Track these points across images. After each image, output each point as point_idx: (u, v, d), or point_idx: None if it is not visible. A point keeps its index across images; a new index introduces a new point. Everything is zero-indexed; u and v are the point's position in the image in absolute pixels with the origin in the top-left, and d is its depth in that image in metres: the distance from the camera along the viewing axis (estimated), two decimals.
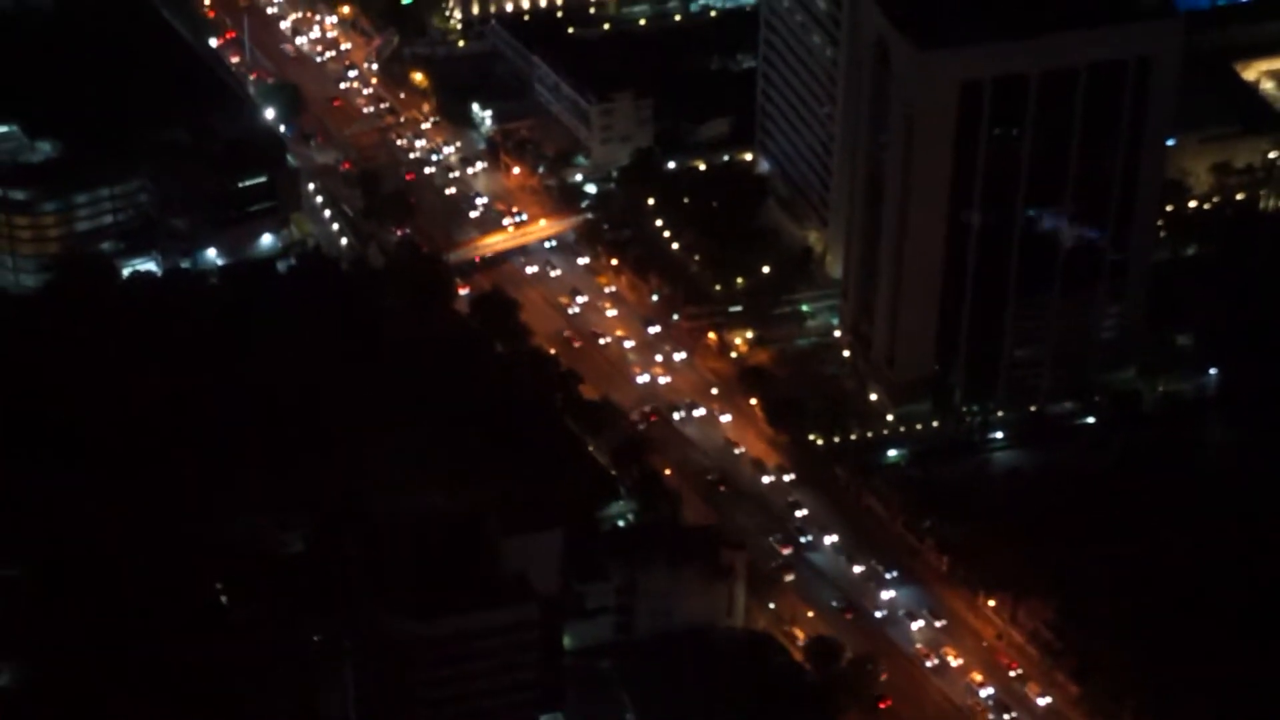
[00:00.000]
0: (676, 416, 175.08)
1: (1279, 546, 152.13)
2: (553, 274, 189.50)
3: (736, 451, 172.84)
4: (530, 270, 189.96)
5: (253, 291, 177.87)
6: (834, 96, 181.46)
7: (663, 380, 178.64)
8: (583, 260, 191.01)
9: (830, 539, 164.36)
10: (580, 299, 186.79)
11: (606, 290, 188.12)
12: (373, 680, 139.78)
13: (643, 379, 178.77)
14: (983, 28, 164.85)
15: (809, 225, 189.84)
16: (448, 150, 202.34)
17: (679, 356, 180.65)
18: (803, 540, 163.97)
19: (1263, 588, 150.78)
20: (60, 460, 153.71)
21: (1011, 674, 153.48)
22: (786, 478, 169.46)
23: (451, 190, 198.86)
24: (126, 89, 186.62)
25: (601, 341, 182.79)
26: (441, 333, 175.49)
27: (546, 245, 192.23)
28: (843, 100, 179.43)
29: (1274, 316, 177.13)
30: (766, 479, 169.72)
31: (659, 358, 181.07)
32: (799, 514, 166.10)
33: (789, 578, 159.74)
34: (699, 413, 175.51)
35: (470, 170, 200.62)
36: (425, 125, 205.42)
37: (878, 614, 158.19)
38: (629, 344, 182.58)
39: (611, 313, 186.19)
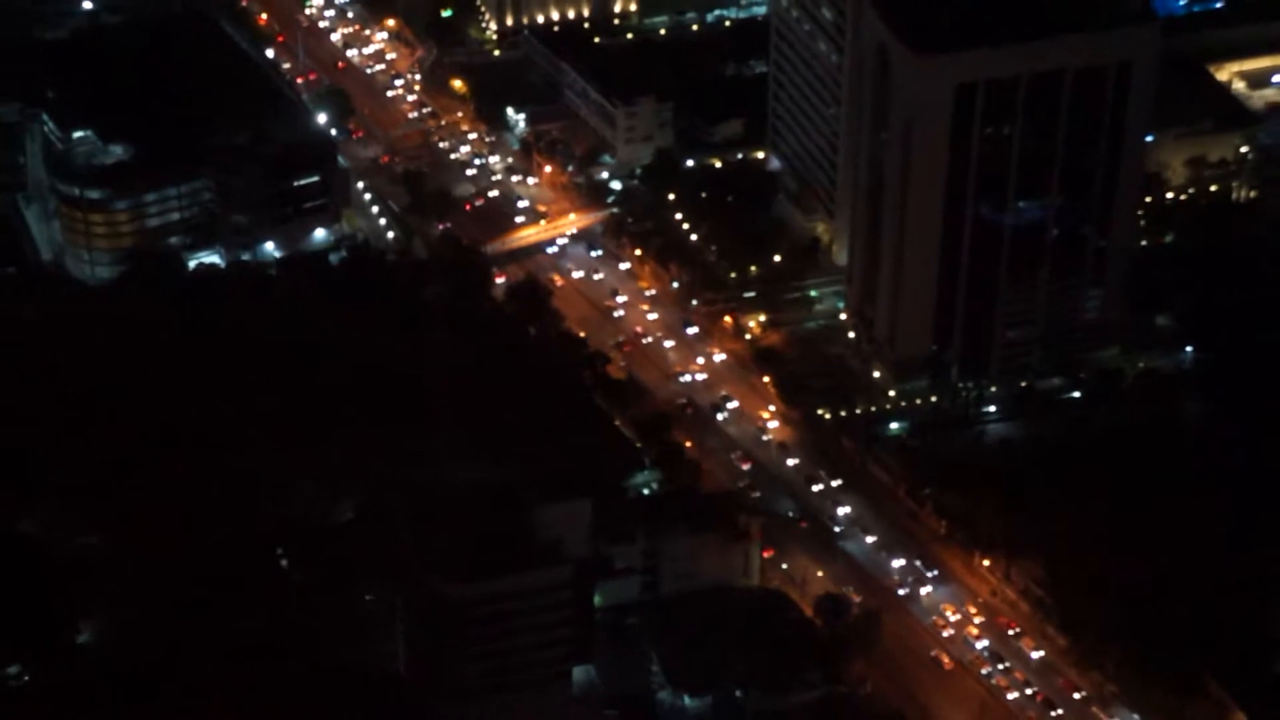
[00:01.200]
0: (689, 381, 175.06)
1: (1249, 508, 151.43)
2: (576, 272, 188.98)
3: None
4: (563, 262, 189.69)
5: (307, 281, 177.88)
6: (839, 99, 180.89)
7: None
8: (596, 253, 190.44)
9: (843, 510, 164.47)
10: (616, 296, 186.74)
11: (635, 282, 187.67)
12: (420, 637, 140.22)
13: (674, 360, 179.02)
14: (975, 34, 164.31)
15: (816, 217, 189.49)
16: (493, 157, 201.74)
17: (692, 331, 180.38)
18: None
19: (1234, 546, 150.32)
20: (137, 436, 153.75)
21: (1010, 632, 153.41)
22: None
23: (491, 189, 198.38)
24: (191, 97, 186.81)
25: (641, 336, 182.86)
26: (479, 318, 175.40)
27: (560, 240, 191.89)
28: (847, 102, 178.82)
29: (1245, 299, 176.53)
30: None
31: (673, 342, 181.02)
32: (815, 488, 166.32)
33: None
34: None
35: (505, 168, 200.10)
36: (465, 128, 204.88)
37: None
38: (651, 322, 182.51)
39: (621, 298, 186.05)
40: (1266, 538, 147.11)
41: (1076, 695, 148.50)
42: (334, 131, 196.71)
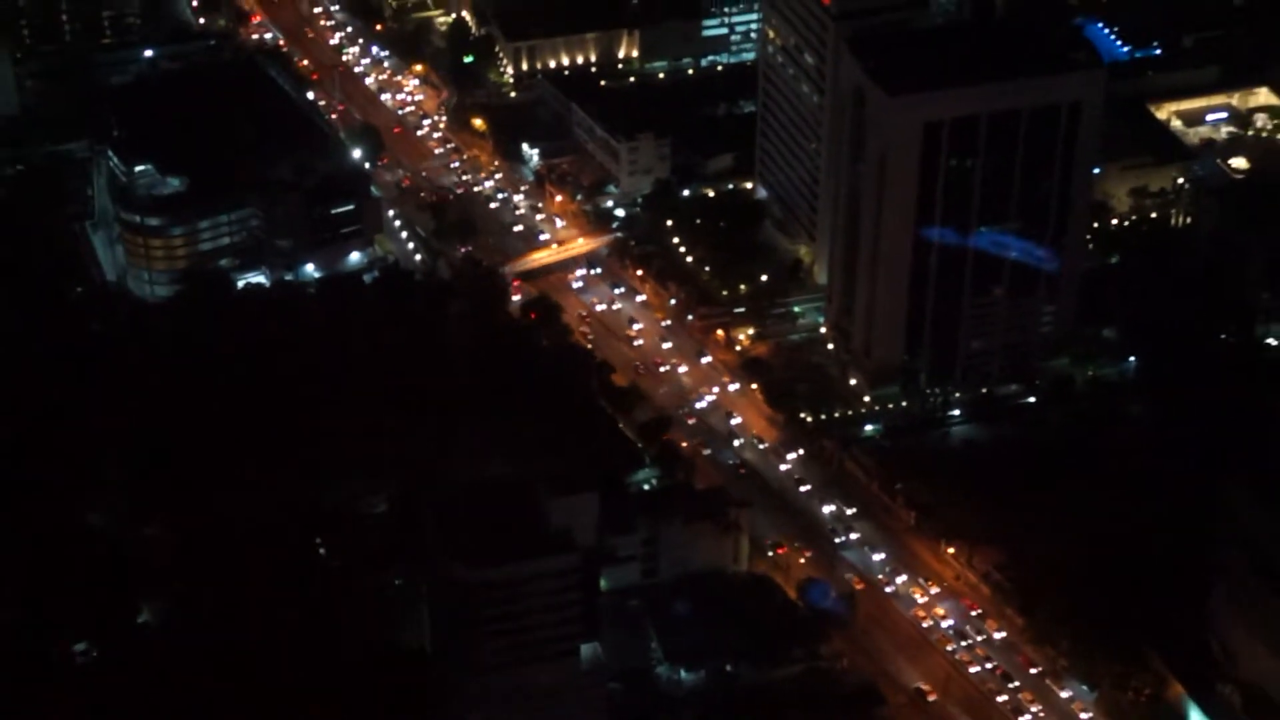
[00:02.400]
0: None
1: (1186, 500, 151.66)
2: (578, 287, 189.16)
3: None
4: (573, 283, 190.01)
5: (343, 299, 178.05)
6: (819, 135, 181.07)
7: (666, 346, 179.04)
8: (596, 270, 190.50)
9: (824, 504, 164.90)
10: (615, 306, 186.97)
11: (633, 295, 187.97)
12: (443, 616, 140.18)
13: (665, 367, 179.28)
14: (942, 78, 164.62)
15: (799, 241, 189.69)
16: (492, 184, 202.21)
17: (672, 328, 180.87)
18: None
19: (1172, 534, 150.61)
20: (193, 438, 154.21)
21: (973, 613, 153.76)
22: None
23: (507, 216, 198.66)
24: (239, 134, 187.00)
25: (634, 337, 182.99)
26: (497, 331, 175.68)
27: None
28: (827, 138, 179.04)
29: (1182, 314, 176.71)
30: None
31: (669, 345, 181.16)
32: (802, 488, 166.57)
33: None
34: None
35: (521, 198, 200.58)
36: (485, 161, 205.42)
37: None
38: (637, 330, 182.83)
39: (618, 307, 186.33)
40: (1201, 526, 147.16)
41: (1033, 670, 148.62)
42: (367, 164, 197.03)
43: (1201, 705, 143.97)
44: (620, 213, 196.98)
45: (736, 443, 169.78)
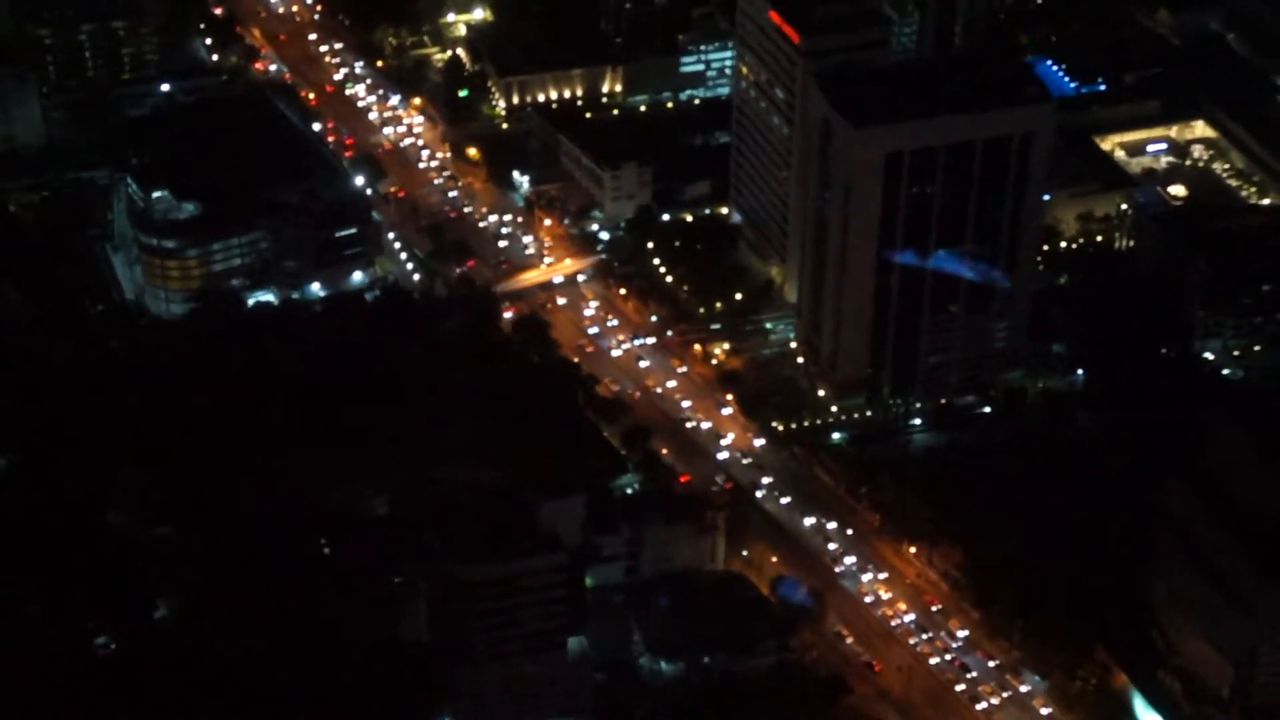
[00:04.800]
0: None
1: (1129, 502, 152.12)
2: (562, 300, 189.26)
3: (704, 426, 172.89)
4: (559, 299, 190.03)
5: (346, 316, 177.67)
6: (789, 164, 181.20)
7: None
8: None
9: (786, 499, 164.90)
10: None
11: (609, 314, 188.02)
12: (440, 611, 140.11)
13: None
14: (903, 111, 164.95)
15: (771, 262, 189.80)
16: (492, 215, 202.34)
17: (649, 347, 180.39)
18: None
19: (1117, 533, 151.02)
20: (206, 444, 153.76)
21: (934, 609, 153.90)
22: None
23: (500, 239, 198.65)
24: (250, 162, 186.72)
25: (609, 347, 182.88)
26: (490, 346, 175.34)
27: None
28: (796, 166, 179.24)
29: (1126, 330, 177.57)
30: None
31: (645, 362, 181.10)
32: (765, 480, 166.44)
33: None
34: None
35: (512, 219, 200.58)
36: (479, 187, 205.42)
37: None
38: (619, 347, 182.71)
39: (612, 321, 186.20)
40: (1143, 526, 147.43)
41: (992, 663, 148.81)
42: (369, 191, 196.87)
43: (1144, 692, 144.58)
44: (604, 236, 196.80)
45: (722, 455, 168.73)
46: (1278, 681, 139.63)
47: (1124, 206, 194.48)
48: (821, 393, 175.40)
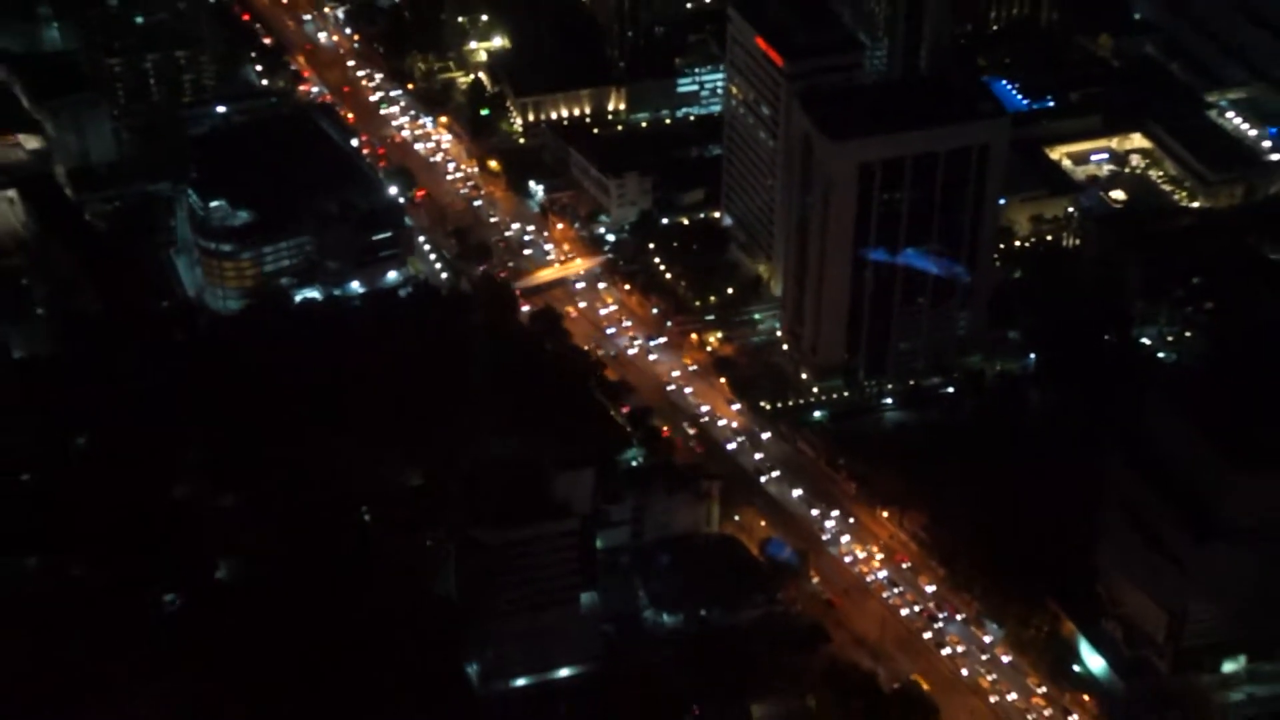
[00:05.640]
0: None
1: (1076, 470, 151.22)
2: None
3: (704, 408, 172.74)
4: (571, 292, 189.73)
5: (382, 311, 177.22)
6: (774, 173, 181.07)
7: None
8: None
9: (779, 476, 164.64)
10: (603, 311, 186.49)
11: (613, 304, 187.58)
12: (467, 571, 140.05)
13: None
14: (874, 125, 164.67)
15: (759, 260, 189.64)
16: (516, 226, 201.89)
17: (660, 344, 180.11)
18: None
19: (1064, 498, 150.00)
20: (260, 424, 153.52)
21: (903, 566, 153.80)
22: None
23: (517, 240, 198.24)
24: (296, 174, 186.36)
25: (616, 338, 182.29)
26: (509, 335, 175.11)
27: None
28: (780, 175, 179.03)
29: (1072, 319, 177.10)
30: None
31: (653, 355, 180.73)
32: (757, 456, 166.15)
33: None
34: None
35: (530, 227, 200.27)
36: (498, 195, 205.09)
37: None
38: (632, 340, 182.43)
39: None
40: (1089, 492, 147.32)
41: (960, 616, 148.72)
42: (401, 199, 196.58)
43: (1089, 638, 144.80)
44: (611, 238, 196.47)
45: (733, 445, 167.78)
46: (1205, 627, 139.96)
47: (1070, 209, 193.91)
48: (804, 376, 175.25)
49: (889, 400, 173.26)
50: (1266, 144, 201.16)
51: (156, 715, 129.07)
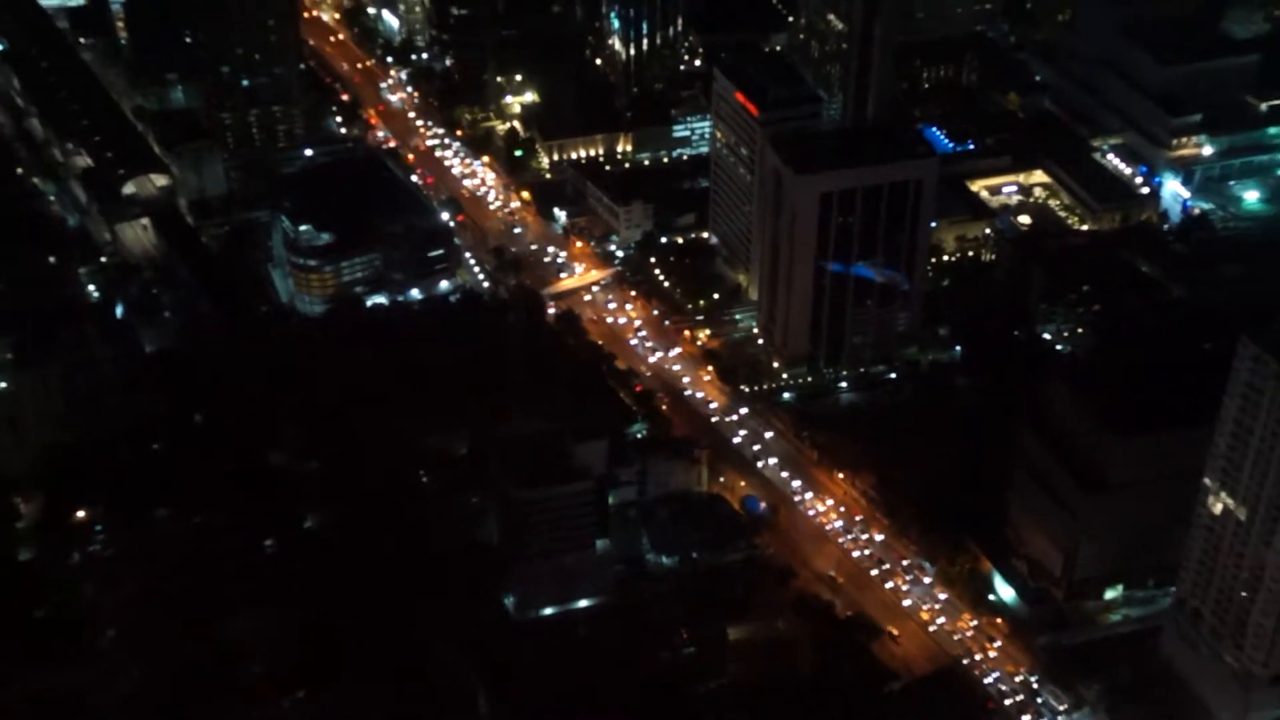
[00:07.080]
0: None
1: (992, 438, 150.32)
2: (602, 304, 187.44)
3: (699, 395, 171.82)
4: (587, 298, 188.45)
5: (436, 313, 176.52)
6: (752, 200, 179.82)
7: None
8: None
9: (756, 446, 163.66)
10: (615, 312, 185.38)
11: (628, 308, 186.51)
12: (506, 522, 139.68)
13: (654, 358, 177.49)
14: (832, 163, 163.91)
15: (739, 271, 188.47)
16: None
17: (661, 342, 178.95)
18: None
19: (983, 461, 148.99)
20: (340, 402, 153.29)
21: (856, 518, 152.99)
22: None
23: (544, 256, 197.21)
24: (368, 204, 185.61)
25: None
26: (538, 333, 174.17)
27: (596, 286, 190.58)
28: (756, 202, 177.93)
29: (989, 318, 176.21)
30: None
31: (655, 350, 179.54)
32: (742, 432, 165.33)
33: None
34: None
35: (553, 246, 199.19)
36: (529, 220, 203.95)
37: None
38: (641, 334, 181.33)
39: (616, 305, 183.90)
40: (1003, 457, 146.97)
41: (905, 561, 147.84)
42: (451, 223, 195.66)
43: (1002, 573, 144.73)
44: (620, 254, 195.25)
45: (718, 420, 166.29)
46: (1091, 563, 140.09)
47: (987, 231, 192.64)
48: (775, 364, 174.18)
49: (844, 384, 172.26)
50: (1139, 180, 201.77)
51: (257, 634, 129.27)
